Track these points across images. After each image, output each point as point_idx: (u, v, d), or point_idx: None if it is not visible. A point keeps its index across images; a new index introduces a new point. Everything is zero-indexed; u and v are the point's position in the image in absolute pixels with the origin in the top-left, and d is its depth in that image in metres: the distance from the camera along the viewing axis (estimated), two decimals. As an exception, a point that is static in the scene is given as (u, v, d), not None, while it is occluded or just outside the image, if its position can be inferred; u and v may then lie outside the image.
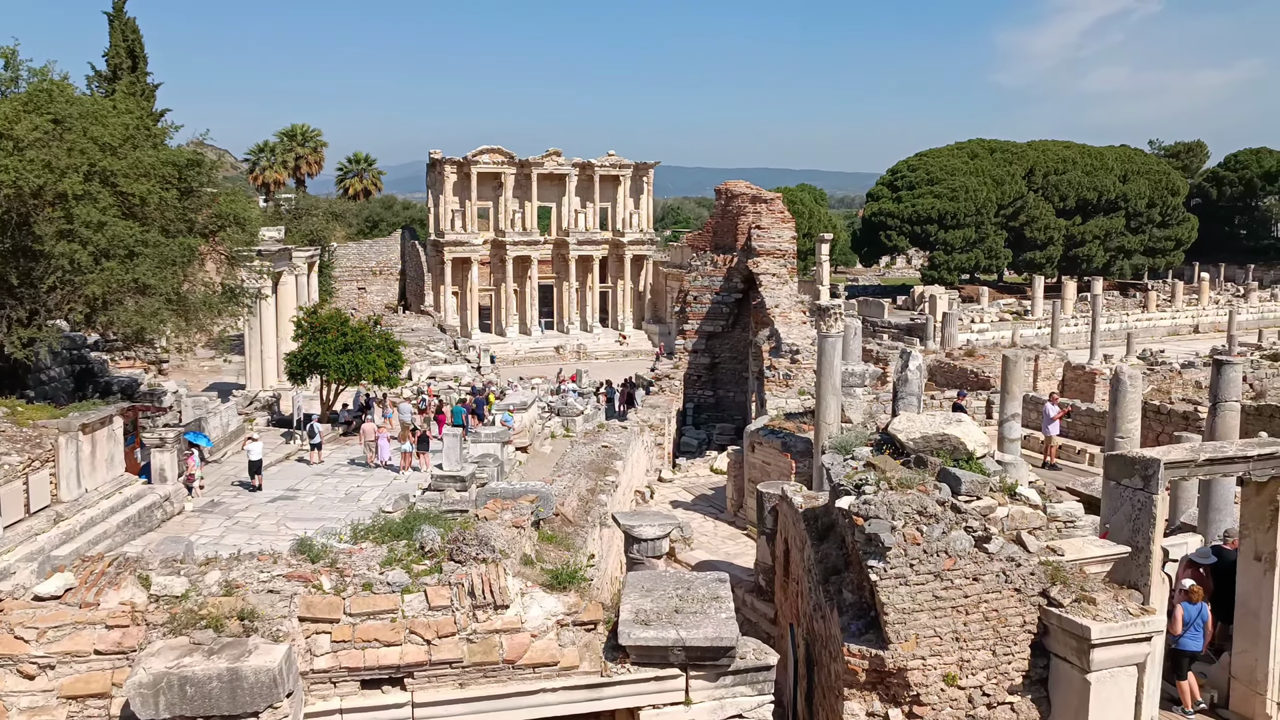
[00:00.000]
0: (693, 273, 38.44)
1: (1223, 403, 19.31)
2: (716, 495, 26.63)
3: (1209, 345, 60.18)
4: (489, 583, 9.25)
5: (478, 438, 31.88)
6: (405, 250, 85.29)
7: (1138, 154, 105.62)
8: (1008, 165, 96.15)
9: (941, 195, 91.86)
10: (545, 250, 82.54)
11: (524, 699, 9.19)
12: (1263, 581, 13.31)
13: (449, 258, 78.88)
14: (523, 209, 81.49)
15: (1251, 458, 12.95)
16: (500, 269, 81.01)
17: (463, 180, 79.68)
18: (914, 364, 19.79)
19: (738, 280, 36.63)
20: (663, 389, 37.27)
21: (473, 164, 79.24)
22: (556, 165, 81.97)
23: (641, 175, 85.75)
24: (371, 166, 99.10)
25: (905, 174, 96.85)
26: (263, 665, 8.11)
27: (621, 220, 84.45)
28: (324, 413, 40.66)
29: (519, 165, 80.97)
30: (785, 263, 35.54)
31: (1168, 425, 27.55)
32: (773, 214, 36.14)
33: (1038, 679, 10.81)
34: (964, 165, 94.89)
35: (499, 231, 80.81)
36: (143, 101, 43.20)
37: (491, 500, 11.59)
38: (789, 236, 36.16)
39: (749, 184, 38.55)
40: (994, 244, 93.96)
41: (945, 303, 72.46)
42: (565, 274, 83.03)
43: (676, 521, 17.41)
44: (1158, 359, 44.90)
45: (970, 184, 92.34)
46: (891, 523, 10.52)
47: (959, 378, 37.98)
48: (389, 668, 8.89)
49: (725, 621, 9.33)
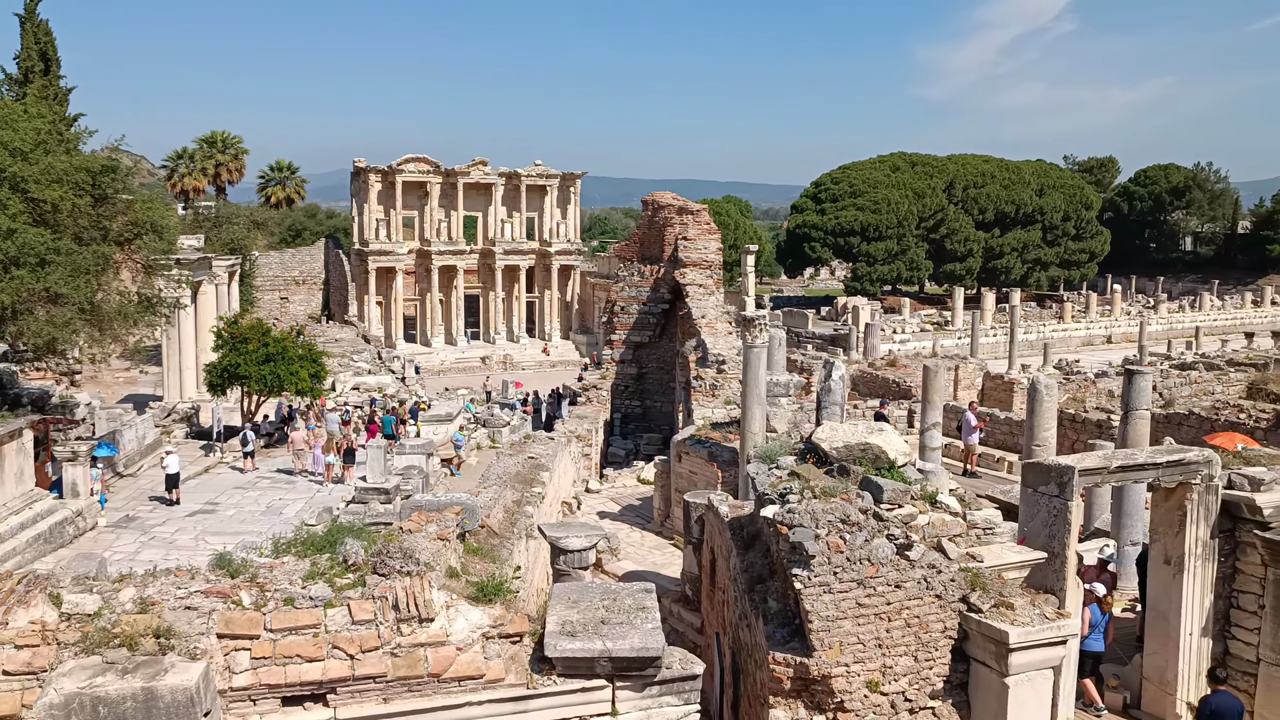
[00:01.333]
0: (620, 283, 38.51)
1: (1134, 411, 19.88)
2: (644, 505, 26.66)
3: (1121, 355, 61.85)
4: (413, 596, 9.15)
5: (403, 449, 31.53)
6: (329, 259, 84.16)
7: (1053, 168, 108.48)
8: (928, 178, 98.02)
9: (864, 208, 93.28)
10: (471, 260, 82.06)
11: (449, 713, 9.10)
12: (1172, 584, 13.71)
13: (373, 267, 78.01)
14: (449, 218, 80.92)
15: (1160, 464, 13.35)
16: (426, 279, 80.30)
17: (388, 189, 78.91)
18: (837, 374, 20.04)
19: (665, 291, 36.79)
20: (590, 399, 37.24)
21: (398, 173, 78.52)
22: (483, 175, 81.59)
23: (568, 185, 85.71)
24: (294, 174, 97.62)
25: (829, 186, 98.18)
26: (179, 684, 7.92)
27: (548, 230, 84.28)
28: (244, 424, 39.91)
29: (445, 174, 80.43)
30: (711, 274, 35.78)
31: (1083, 433, 28.27)
32: (699, 225, 36.38)
33: (958, 683, 11.00)
34: (886, 178, 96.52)
35: (424, 241, 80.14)
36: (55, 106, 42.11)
37: (416, 512, 11.47)
38: (715, 248, 36.41)
39: (675, 195, 38.76)
40: (915, 256, 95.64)
41: (868, 314, 73.58)
42: (491, 284, 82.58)
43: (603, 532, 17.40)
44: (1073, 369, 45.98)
45: (892, 197, 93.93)
46: (815, 531, 10.64)
47: (881, 387, 38.55)
48: (311, 684, 8.74)
49: (651, 632, 9.34)
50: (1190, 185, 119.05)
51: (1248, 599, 13.83)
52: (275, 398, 41.66)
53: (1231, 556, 13.88)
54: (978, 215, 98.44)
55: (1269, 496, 13.56)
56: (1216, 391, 35.02)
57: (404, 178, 78.81)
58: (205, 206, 72.01)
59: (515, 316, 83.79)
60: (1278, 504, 13.50)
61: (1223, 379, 36.07)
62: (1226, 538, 13.79)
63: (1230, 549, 13.85)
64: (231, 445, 37.80)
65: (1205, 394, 34.61)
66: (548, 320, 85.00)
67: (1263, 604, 13.60)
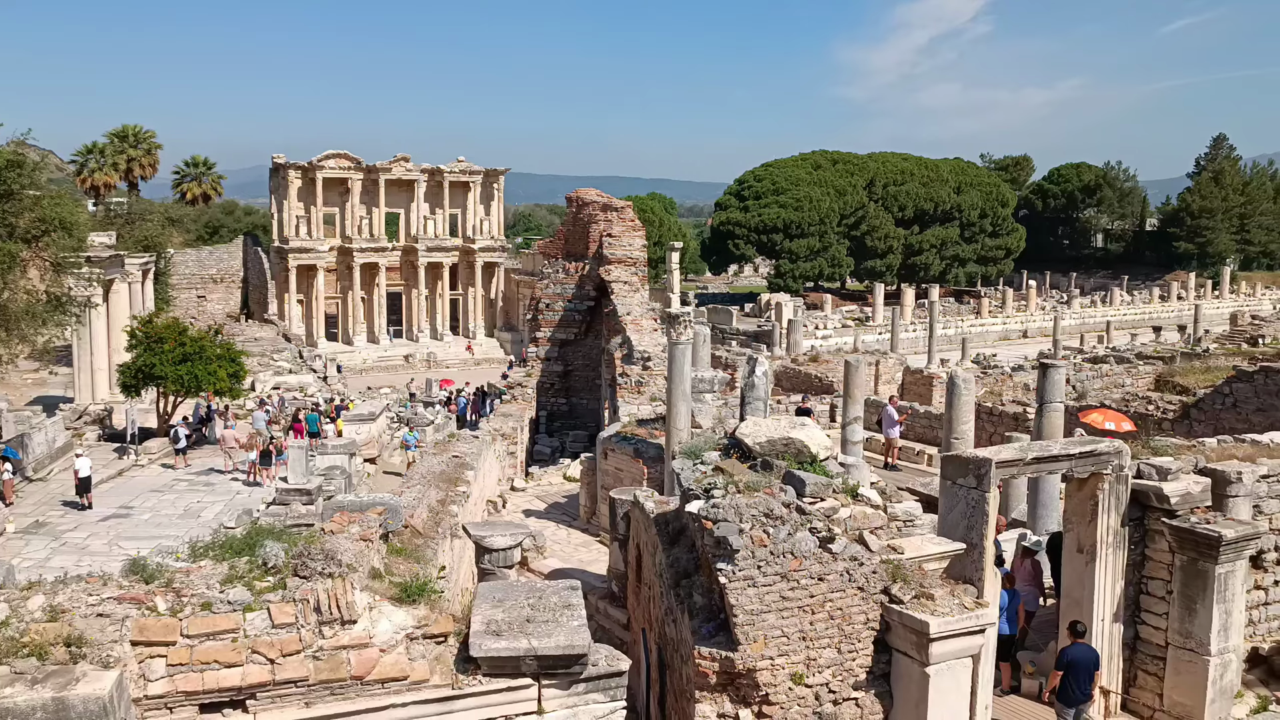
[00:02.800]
0: (545, 280, 38.36)
1: (1048, 404, 20.36)
2: (570, 503, 26.61)
3: (1037, 349, 63.38)
4: (335, 598, 9.02)
5: (325, 449, 31.09)
6: (248, 257, 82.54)
7: (970, 167, 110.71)
8: (849, 176, 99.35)
9: (787, 205, 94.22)
10: (394, 257, 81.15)
11: (373, 715, 8.99)
12: (1085, 572, 14.07)
13: (294, 265, 76.74)
14: (370, 215, 79.91)
15: (1073, 456, 13.69)
16: (347, 276, 79.22)
17: (308, 186, 77.67)
18: (761, 370, 20.20)
19: (590, 288, 36.74)
20: (515, 397, 37.05)
21: (318, 169, 77.33)
22: (405, 171, 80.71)
23: (492, 182, 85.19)
24: (211, 170, 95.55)
25: (752, 184, 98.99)
26: (91, 693, 7.71)
27: (472, 227, 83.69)
28: (161, 426, 39.00)
29: (366, 171, 79.42)
30: (637, 270, 35.81)
31: (1000, 426, 28.89)
32: (624, 222, 36.38)
33: (881, 674, 11.17)
34: (808, 176, 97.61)
35: (346, 238, 79.05)
36: (-43, 98, 40.63)
37: (338, 513, 11.30)
38: (640, 245, 36.45)
39: (600, 192, 38.71)
40: (837, 253, 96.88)
41: (791, 310, 74.32)
42: (414, 281, 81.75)
43: (529, 531, 17.34)
44: (990, 363, 46.96)
45: (814, 194, 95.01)
46: (739, 525, 10.71)
47: (804, 383, 38.97)
48: (230, 690, 8.57)
49: (577, 629, 9.34)
50: (1101, 183, 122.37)
51: (1156, 585, 14.25)
52: (193, 398, 40.78)
53: (1141, 544, 14.29)
54: (898, 213, 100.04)
55: (1175, 486, 13.98)
56: (1127, 384, 36.08)
57: (324, 174, 77.66)
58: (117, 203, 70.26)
59: (439, 314, 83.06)
60: (1184, 493, 13.93)
61: (1132, 372, 37.14)
62: (1136, 526, 14.19)
63: (1140, 537, 14.26)
64: (147, 447, 36.95)
65: (1116, 386, 35.63)
66: (472, 318, 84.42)
67: (1170, 590, 14.03)
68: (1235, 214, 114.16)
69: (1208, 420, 27.47)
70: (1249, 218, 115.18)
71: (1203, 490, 14.17)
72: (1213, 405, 28.02)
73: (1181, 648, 13.89)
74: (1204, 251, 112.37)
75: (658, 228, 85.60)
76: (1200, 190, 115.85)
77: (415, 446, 35.72)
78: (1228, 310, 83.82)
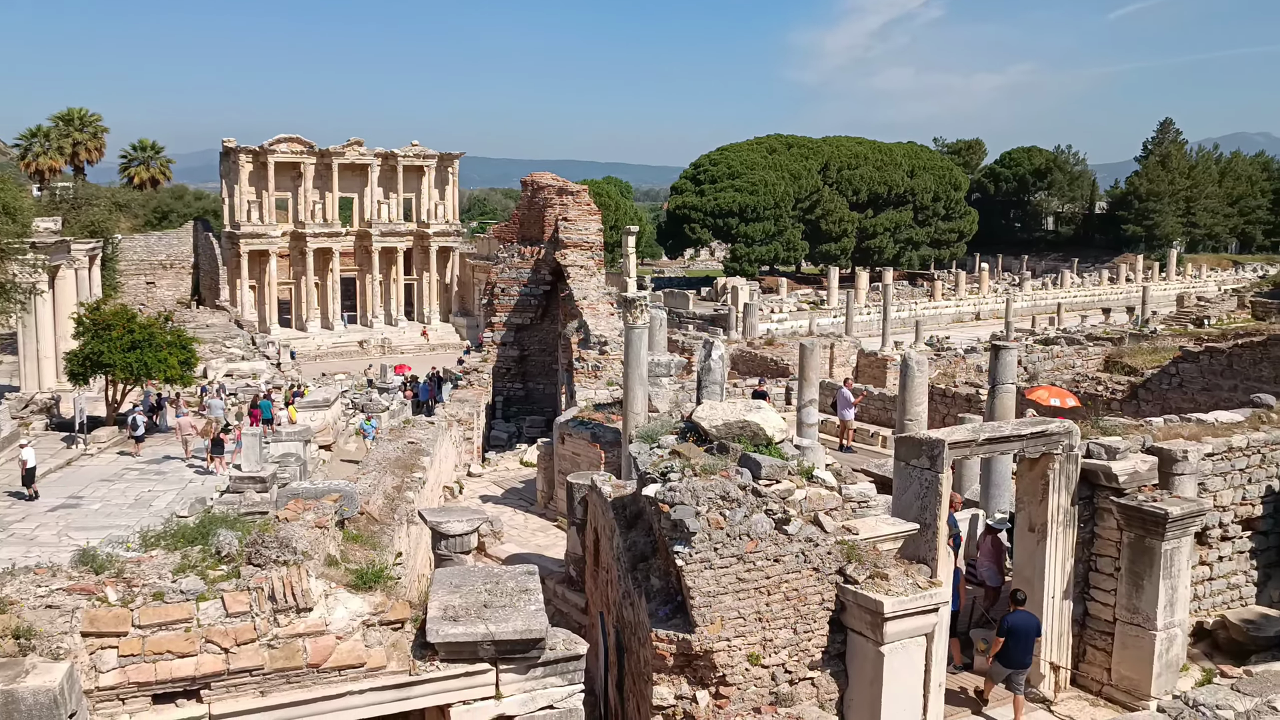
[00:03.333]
0: (500, 265, 38.20)
1: (1000, 385, 20.61)
2: (527, 488, 26.58)
3: (989, 331, 64.10)
4: (290, 586, 8.97)
5: (279, 436, 30.78)
6: (198, 243, 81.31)
7: (924, 150, 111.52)
8: (804, 160, 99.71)
9: (742, 189, 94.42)
10: (347, 242, 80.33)
11: (330, 703, 8.96)
12: (1036, 551, 14.30)
13: (245, 250, 75.75)
14: (323, 200, 79.02)
15: (1025, 436, 13.89)
16: (300, 261, 78.35)
17: (259, 170, 76.63)
18: (717, 353, 20.27)
19: (545, 272, 36.63)
20: (471, 383, 36.90)
21: (270, 153, 76.30)
22: (358, 155, 79.87)
23: (446, 166, 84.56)
24: (159, 154, 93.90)
25: (707, 168, 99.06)
26: (41, 686, 7.61)
27: (426, 211, 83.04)
28: (110, 414, 38.41)
29: (319, 155, 78.49)
30: (592, 255, 35.76)
31: (953, 407, 29.22)
32: (579, 206, 36.30)
33: (836, 653, 11.30)
34: (763, 160, 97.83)
35: (298, 223, 78.13)
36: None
37: (293, 501, 11.22)
38: (596, 229, 36.39)
39: (555, 176, 38.57)
40: (792, 236, 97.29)
41: (746, 294, 74.57)
42: (369, 266, 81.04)
43: (485, 516, 17.32)
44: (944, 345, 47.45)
45: (769, 178, 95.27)
46: (696, 508, 10.77)
47: (760, 366, 39.16)
48: (183, 680, 8.49)
49: (534, 614, 9.35)
50: (1051, 167, 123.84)
51: (1105, 562, 14.52)
52: (143, 386, 40.20)
53: (1090, 522, 14.55)
54: (852, 196, 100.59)
55: (1124, 465, 14.24)
56: (1077, 365, 36.62)
57: (276, 158, 76.64)
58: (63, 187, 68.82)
59: (393, 299, 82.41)
60: (1132, 471, 14.19)
61: (1082, 353, 37.69)
62: (1086, 505, 14.44)
63: (1089, 515, 14.51)
64: (96, 436, 36.39)
65: (1066, 367, 36.16)
66: (427, 303, 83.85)
67: (1118, 566, 14.31)
68: (1182, 197, 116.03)
69: (1155, 400, 27.97)
70: (1195, 201, 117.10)
71: (1150, 469, 14.44)
72: (1160, 385, 28.52)
73: (1129, 623, 14.17)
74: (1151, 234, 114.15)
75: (613, 212, 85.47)
76: (1148, 174, 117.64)
77: (374, 435, 35.48)
78: (1174, 292, 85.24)
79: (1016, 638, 13.39)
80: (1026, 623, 13.52)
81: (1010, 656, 13.47)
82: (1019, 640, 13.39)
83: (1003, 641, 13.45)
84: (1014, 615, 13.58)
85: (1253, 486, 16.41)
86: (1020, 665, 13.54)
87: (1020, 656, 13.47)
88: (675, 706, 10.85)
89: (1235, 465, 16.17)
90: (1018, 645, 13.40)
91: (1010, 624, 13.47)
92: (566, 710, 9.58)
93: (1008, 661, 13.52)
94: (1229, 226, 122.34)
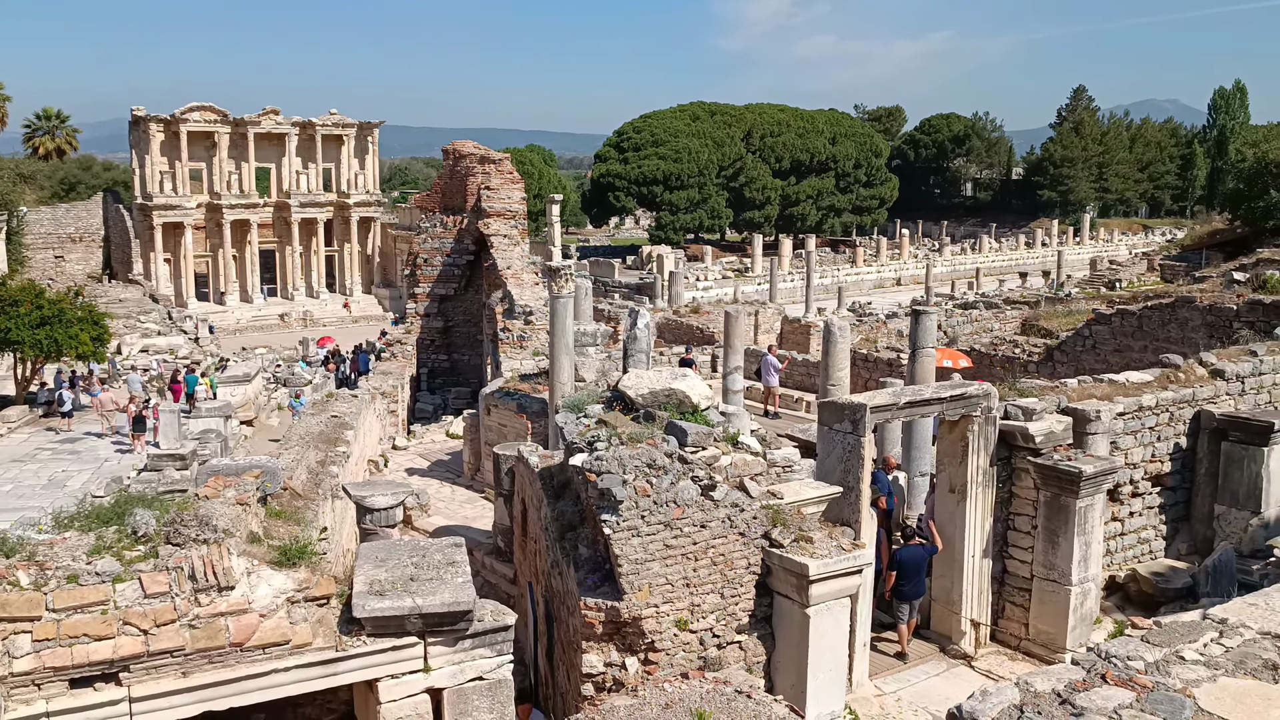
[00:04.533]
0: (422, 235, 37.70)
1: (921, 349, 20.94)
2: (453, 460, 26.43)
3: (910, 296, 65.09)
4: (211, 564, 8.81)
5: (199, 413, 30.17)
6: (109, 215, 78.89)
7: (845, 118, 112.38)
8: (727, 128, 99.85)
9: (666, 157, 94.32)
10: (266, 213, 78.59)
11: (254, 681, 8.85)
12: (956, 511, 14.62)
13: (159, 222, 73.69)
14: (239, 170, 77.12)
15: (945, 399, 14.15)
16: (217, 234, 76.51)
17: (171, 139, 74.47)
18: (643, 322, 20.30)
19: (469, 242, 36.26)
20: (395, 355, 36.48)
21: (182, 122, 74.13)
22: (275, 124, 78.04)
23: (366, 135, 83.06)
24: (65, 123, 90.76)
25: (631, 136, 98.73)
26: (-48, 673, 7.40)
27: (346, 181, 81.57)
28: (20, 393, 37.30)
29: (234, 124, 76.50)
30: (516, 224, 35.45)
31: (875, 372, 29.66)
32: (502, 175, 35.93)
33: (763, 617, 11.45)
34: (686, 127, 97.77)
35: (214, 194, 76.22)
36: None
37: (214, 478, 11.01)
38: (519, 197, 36.07)
39: (477, 144, 38.10)
40: (716, 204, 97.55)
41: (672, 262, 74.68)
42: (288, 238, 79.46)
43: (411, 489, 17.19)
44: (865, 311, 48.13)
45: (693, 146, 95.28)
46: (623, 477, 10.80)
47: (686, 334, 39.32)
48: (101, 663, 8.31)
49: (462, 586, 9.32)
50: (970, 134, 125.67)
51: (1022, 521, 14.90)
52: (53, 364, 39.07)
53: (1009, 482, 14.90)
54: (775, 164, 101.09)
55: (1040, 425, 14.59)
56: (995, 328, 37.38)
57: (189, 127, 74.49)
58: (-38, 159, 66.31)
59: (314, 271, 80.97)
60: (1048, 431, 14.54)
61: (1000, 317, 38.48)
62: (1004, 465, 14.78)
63: (1007, 475, 14.86)
64: (5, 415, 35.31)
65: (985, 331, 36.89)
66: (349, 275, 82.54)
67: (1035, 525, 14.69)
68: (1094, 163, 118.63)
69: (1070, 361, 28.65)
70: (1107, 167, 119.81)
71: (1065, 429, 14.82)
72: (1074, 347, 29.21)
73: (1045, 579, 14.57)
74: (1066, 200, 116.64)
75: (537, 180, 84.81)
76: (1062, 140, 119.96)
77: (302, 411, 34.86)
78: (1088, 256, 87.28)
79: (906, 570, 14.31)
80: (915, 556, 14.40)
81: (900, 589, 14.39)
82: (908, 572, 14.33)
83: (894, 575, 14.37)
84: (903, 549, 14.47)
85: (1161, 444, 16.95)
86: (910, 596, 14.47)
87: (910, 588, 14.41)
88: (605, 673, 10.92)
89: (1145, 424, 16.67)
90: (908, 577, 14.33)
91: (900, 557, 14.39)
92: (496, 681, 9.59)
93: (900, 594, 14.43)
94: (1139, 191, 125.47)
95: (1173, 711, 6.26)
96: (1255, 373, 18.16)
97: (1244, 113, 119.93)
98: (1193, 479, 17.49)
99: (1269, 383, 18.35)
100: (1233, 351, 19.05)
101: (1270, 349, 18.94)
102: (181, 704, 8.65)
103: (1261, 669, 6.91)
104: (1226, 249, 47.94)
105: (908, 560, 14.36)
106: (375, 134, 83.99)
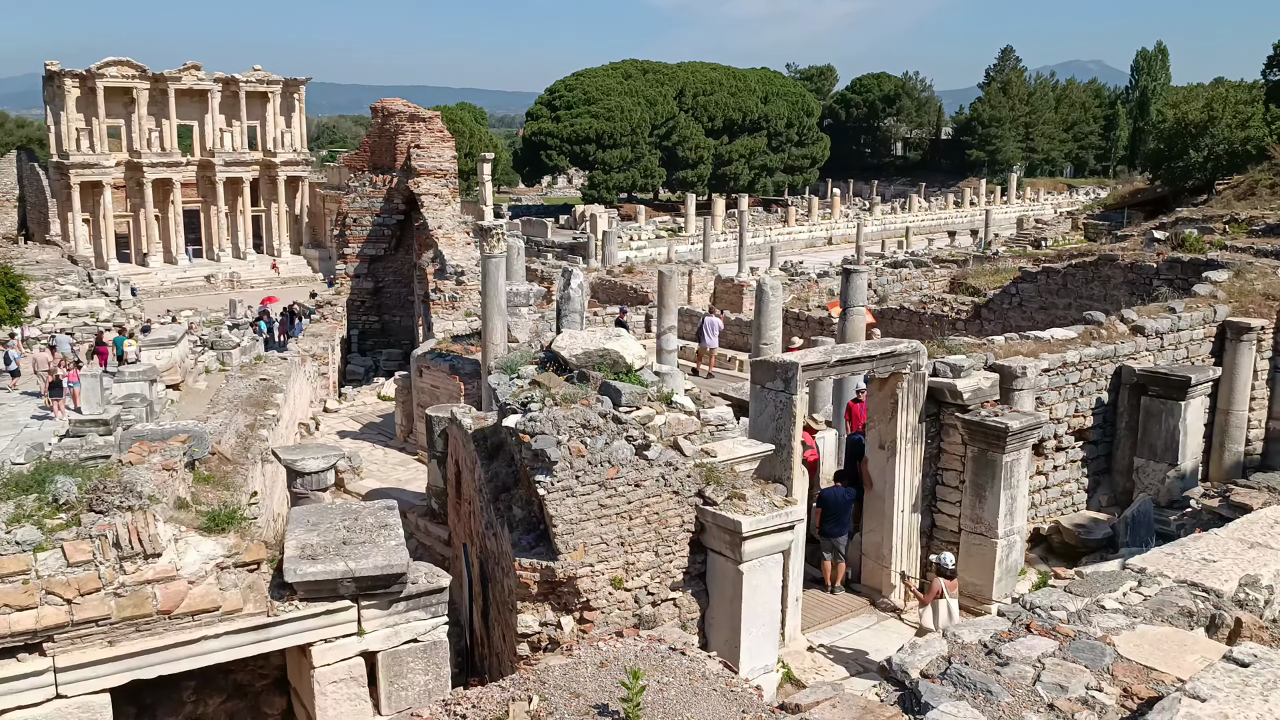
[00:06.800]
0: (351, 194, 37.05)
1: (851, 308, 21.10)
2: (385, 423, 26.19)
3: (841, 256, 65.55)
4: (136, 532, 8.64)
5: (123, 377, 29.51)
6: (23, 174, 76.35)
7: (777, 77, 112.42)
8: (660, 86, 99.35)
9: (599, 115, 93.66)
10: (189, 172, 76.69)
11: (183, 649, 8.74)
12: (886, 466, 14.86)
13: (76, 181, 71.53)
14: (160, 128, 75.04)
15: (875, 357, 14.33)
16: (138, 193, 74.52)
17: (87, 95, 72.15)
18: (576, 282, 20.20)
19: (399, 201, 35.73)
20: (325, 316, 35.91)
21: (98, 77, 71.83)
22: (196, 80, 75.97)
23: (292, 92, 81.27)
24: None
25: (563, 94, 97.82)
26: None
27: (272, 140, 79.84)
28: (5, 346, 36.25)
29: (153, 80, 74.27)
30: (447, 183, 34.99)
31: (807, 330, 29.87)
32: (432, 133, 35.38)
33: (697, 574, 11.55)
34: (619, 86, 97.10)
35: (134, 152, 74.12)
36: None
37: (138, 443, 10.79)
38: (449, 156, 35.57)
39: (406, 102, 37.44)
40: (649, 163, 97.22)
41: (605, 221, 74.39)
42: (213, 197, 77.67)
43: (342, 452, 17.02)
44: (797, 270, 48.32)
45: (625, 104, 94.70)
46: (557, 437, 10.78)
47: (620, 294, 39.25)
48: (23, 634, 8.13)
49: (395, 549, 9.27)
50: (900, 93, 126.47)
51: (950, 476, 15.20)
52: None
53: (937, 438, 15.18)
54: (707, 123, 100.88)
55: (968, 382, 14.85)
56: (924, 287, 37.83)
57: (106, 83, 72.20)
58: None
59: (241, 232, 79.33)
60: (975, 388, 14.82)
61: (929, 275, 38.93)
62: (933, 421, 15.05)
63: (936, 432, 15.14)
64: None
65: (914, 290, 37.32)
66: (276, 235, 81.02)
67: (963, 480, 15.00)
68: (1021, 123, 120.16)
69: (997, 319, 29.13)
70: (1033, 126, 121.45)
71: (992, 385, 15.11)
72: (1001, 305, 29.70)
73: (972, 532, 14.90)
74: (994, 159, 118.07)
75: (468, 139, 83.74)
76: (990, 100, 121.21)
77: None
78: (1015, 215, 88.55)
79: (829, 508, 14.96)
80: (837, 496, 15.06)
81: (824, 526, 15.02)
82: (832, 510, 14.97)
83: (821, 513, 15.00)
84: (828, 490, 15.23)
85: (1084, 399, 17.37)
86: (834, 534, 15.08)
87: (834, 527, 15.04)
88: (540, 633, 10.96)
89: (1069, 379, 17.07)
90: (832, 515, 14.98)
91: (824, 496, 15.09)
92: (431, 643, 9.58)
93: (825, 532, 15.05)
94: (1064, 151, 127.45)
95: (1093, 659, 6.45)
96: (1174, 329, 18.65)
97: (1165, 74, 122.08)
98: (1114, 433, 17.97)
99: (1186, 339, 18.86)
100: (1153, 308, 19.52)
101: (1188, 305, 19.44)
102: (108, 673, 8.51)
103: (1178, 616, 7.14)
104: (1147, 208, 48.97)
105: (832, 500, 14.99)
106: (302, 91, 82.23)
